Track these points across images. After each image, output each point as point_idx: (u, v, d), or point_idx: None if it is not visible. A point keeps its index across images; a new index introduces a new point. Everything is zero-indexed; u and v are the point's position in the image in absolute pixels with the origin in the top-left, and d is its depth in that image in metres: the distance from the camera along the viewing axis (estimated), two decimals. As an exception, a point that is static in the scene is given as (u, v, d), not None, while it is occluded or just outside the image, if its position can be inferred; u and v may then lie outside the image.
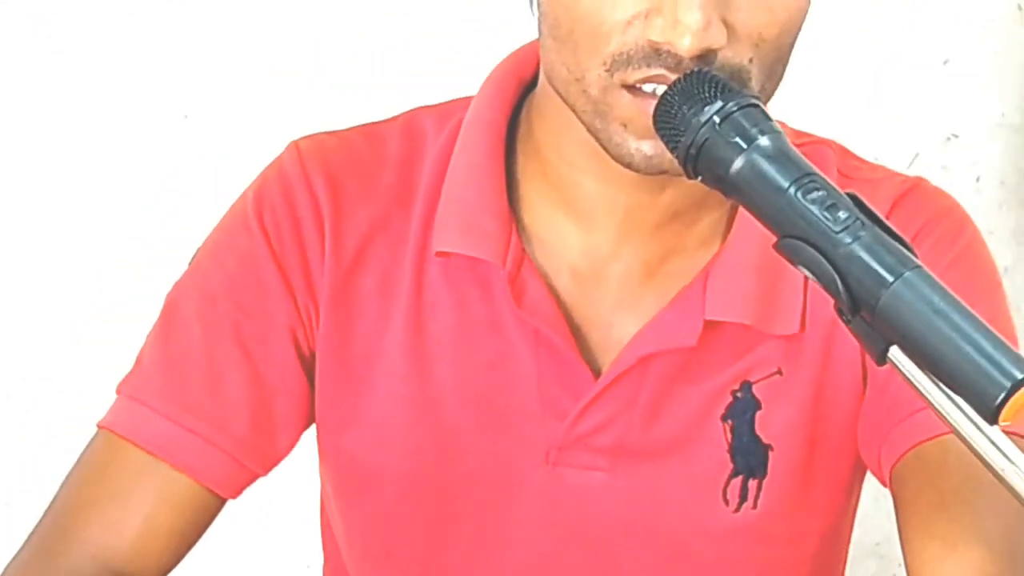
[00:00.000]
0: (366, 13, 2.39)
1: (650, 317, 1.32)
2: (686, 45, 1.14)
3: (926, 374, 0.98)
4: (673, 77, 1.15)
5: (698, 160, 1.10)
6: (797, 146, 1.09)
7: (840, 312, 1.02)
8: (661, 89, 1.16)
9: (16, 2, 2.33)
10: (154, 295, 2.26)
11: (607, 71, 1.18)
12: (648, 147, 1.17)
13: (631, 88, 1.18)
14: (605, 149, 1.22)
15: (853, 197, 1.05)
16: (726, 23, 1.16)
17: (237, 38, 2.38)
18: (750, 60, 1.19)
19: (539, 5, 1.25)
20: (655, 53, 1.16)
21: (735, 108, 1.10)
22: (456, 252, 1.33)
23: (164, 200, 2.37)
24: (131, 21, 2.36)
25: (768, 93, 1.22)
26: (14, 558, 1.34)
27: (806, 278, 1.10)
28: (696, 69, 1.15)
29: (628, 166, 1.21)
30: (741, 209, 1.29)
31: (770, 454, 1.33)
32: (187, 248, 2.25)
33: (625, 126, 1.18)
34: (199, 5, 2.37)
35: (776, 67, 1.22)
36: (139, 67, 2.37)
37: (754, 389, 1.33)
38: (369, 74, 2.38)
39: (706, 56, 1.15)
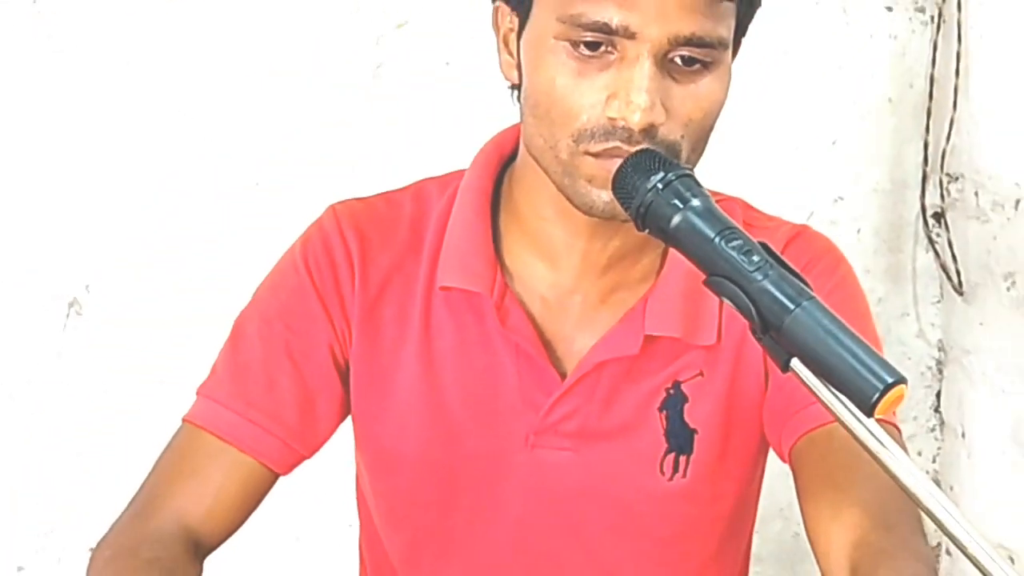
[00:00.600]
0: (367, 13, 2.26)
1: (603, 333, 1.38)
2: (636, 120, 1.20)
3: (818, 379, 1.06)
4: (626, 148, 1.21)
5: (646, 217, 1.17)
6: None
7: (753, 331, 1.09)
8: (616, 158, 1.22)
9: (15, 2, 2.15)
10: (154, 298, 2.17)
11: (574, 142, 1.24)
12: (606, 195, 1.23)
13: (593, 155, 1.24)
14: (571, 200, 1.27)
15: (763, 244, 1.11)
16: (665, 107, 1.22)
17: (237, 37, 2.23)
18: (681, 136, 1.25)
19: (523, 89, 1.30)
20: (612, 128, 1.22)
21: (673, 177, 1.16)
22: (455, 287, 1.39)
23: (165, 200, 2.23)
24: (130, 20, 2.19)
25: (693, 163, 1.27)
26: (115, 522, 1.38)
27: (720, 302, 1.19)
28: (644, 147, 1.21)
29: (589, 212, 1.27)
30: (670, 252, 1.37)
31: (695, 436, 1.39)
32: (185, 248, 2.15)
33: (589, 181, 1.24)
34: (200, 3, 2.21)
35: (700, 143, 1.28)
36: (138, 64, 2.21)
37: (683, 387, 1.39)
38: (370, 73, 2.26)
39: (650, 130, 1.21)
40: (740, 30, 1.31)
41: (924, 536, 1.30)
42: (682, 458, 1.40)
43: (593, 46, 1.23)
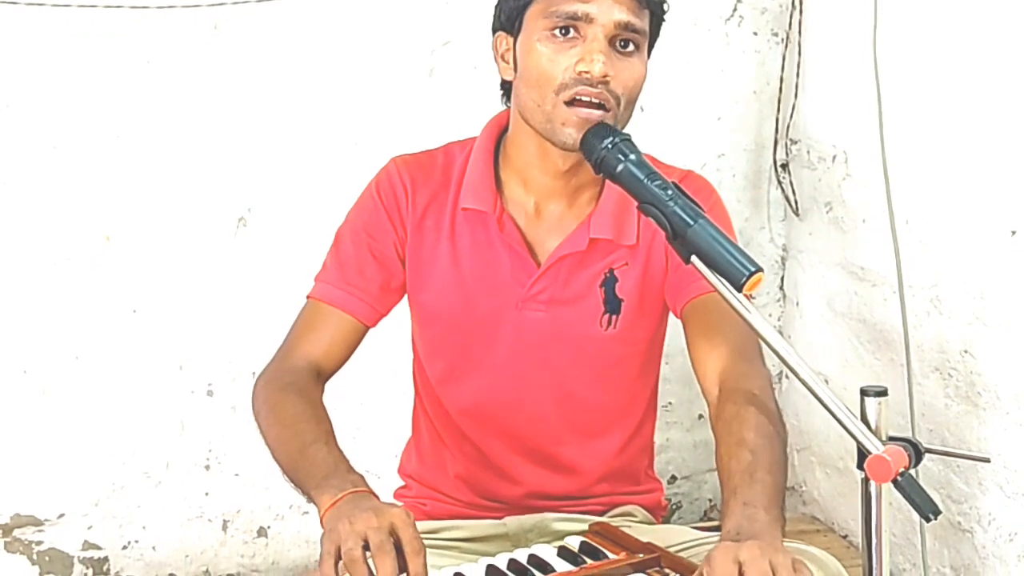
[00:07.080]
0: (425, 34, 2.09)
1: (564, 237, 1.36)
2: (597, 70, 1.20)
3: (708, 269, 1.06)
4: (591, 90, 1.21)
5: (600, 164, 1.17)
6: None
7: (667, 238, 1.08)
8: (584, 100, 1.20)
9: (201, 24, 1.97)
10: (293, 218, 2.06)
11: (555, 94, 1.22)
12: (574, 133, 1.22)
13: (568, 102, 1.22)
14: (551, 140, 1.25)
15: (675, 184, 1.11)
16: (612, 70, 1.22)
17: (342, 52, 2.05)
18: (621, 93, 1.23)
19: (518, 75, 1.28)
20: (580, 78, 1.21)
21: (619, 140, 1.16)
22: (471, 207, 1.37)
23: (299, 156, 2.06)
24: (278, 43, 2.01)
25: (625, 121, 1.26)
26: (269, 361, 1.36)
27: (639, 216, 1.18)
28: (599, 122, 1.19)
29: (563, 147, 1.24)
30: (604, 187, 1.35)
31: (622, 303, 1.37)
32: (310, 186, 2.05)
33: (563, 124, 1.22)
34: (317, 34, 2.03)
35: (630, 105, 1.27)
36: (282, 71, 2.02)
37: (615, 271, 1.36)
38: (426, 73, 2.10)
39: (605, 80, 1.21)
40: (653, 37, 1.30)
41: (766, 365, 1.29)
42: (614, 317, 1.38)
43: (565, 31, 1.23)
